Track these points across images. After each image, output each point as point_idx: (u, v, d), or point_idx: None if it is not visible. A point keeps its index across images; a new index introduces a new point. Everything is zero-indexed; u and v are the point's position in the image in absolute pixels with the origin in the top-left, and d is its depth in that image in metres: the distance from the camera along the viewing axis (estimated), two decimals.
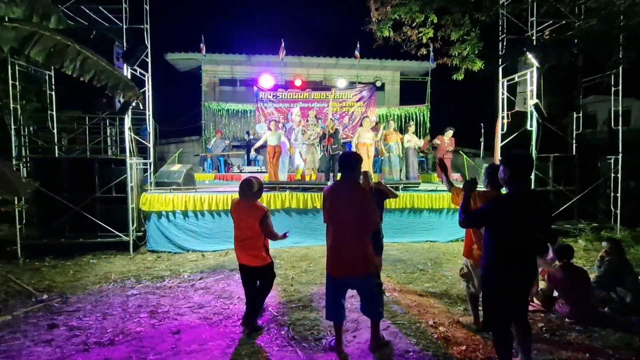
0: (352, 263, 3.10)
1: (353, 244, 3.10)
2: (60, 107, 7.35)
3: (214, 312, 4.16)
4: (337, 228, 3.16)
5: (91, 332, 3.70)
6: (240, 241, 3.72)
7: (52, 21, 4.05)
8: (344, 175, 3.25)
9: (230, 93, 15.38)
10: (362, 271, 3.11)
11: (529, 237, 2.65)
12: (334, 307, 3.25)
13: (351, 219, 3.08)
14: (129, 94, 4.69)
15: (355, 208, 3.08)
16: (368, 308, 3.27)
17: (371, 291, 3.24)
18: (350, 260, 3.10)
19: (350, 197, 3.11)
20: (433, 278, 5.40)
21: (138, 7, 7.23)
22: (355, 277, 3.14)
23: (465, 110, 16.31)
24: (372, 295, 3.25)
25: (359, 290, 3.28)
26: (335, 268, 3.19)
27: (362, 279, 3.15)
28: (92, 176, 6.77)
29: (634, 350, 3.36)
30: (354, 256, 3.10)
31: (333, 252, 3.19)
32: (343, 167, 3.23)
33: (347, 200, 3.10)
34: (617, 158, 7.96)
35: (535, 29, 7.58)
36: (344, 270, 3.14)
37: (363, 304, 3.30)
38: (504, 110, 8.48)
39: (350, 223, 3.08)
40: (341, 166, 3.24)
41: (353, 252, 3.10)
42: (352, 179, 3.21)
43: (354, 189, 3.16)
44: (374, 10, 7.11)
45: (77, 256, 6.45)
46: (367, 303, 3.26)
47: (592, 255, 6.24)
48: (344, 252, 3.13)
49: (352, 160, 3.22)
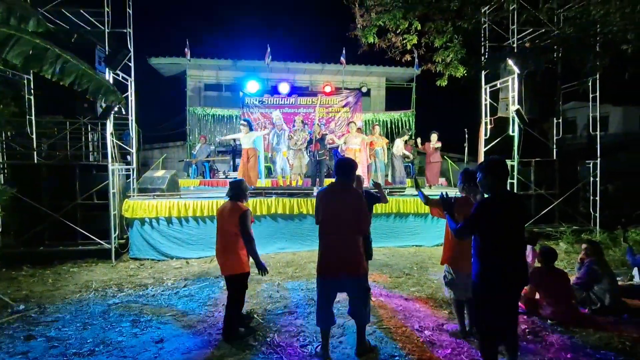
0: (344, 263, 3.15)
1: (346, 245, 3.17)
2: (40, 112, 7.18)
3: (198, 320, 4.10)
4: (331, 230, 3.21)
5: (70, 342, 3.59)
6: (219, 245, 3.77)
7: (31, 24, 3.96)
8: (341, 179, 3.33)
9: (216, 98, 15.27)
10: (354, 272, 3.17)
11: (516, 238, 2.71)
12: (324, 312, 3.26)
13: (345, 222, 3.16)
14: (111, 98, 4.61)
15: (349, 211, 3.17)
16: (356, 312, 3.28)
17: (360, 294, 3.27)
18: (342, 261, 3.16)
19: (345, 200, 3.20)
20: (419, 282, 5.42)
21: (121, 11, 7.14)
22: (347, 278, 3.17)
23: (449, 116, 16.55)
24: (361, 298, 3.28)
25: (349, 293, 3.29)
26: (326, 268, 3.21)
27: (353, 280, 3.20)
28: (73, 182, 6.62)
29: (613, 349, 3.43)
30: (346, 257, 3.16)
31: (325, 253, 3.23)
32: (340, 172, 3.33)
33: (342, 203, 3.19)
34: (595, 163, 8.17)
35: (516, 37, 7.76)
36: (336, 269, 3.17)
37: (351, 308, 3.30)
38: (487, 116, 8.64)
39: (344, 225, 3.16)
40: (338, 170, 3.34)
41: (345, 253, 3.16)
42: (348, 183, 3.30)
43: (350, 192, 3.26)
44: (358, 17, 7.16)
45: (57, 265, 6.29)
46: (356, 306, 3.27)
47: (573, 257, 6.38)
48: (336, 253, 3.18)
49: (348, 165, 3.34)
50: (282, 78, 13.97)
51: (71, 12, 6.97)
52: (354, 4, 7.00)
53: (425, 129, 10.66)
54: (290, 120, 11.96)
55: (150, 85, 15.50)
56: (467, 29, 6.74)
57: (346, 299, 3.39)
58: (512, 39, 7.81)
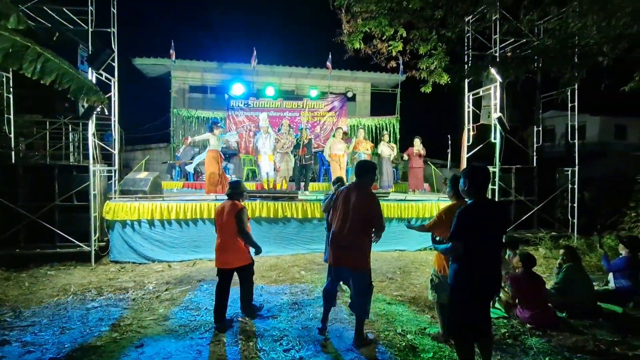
0: (350, 256, 3.50)
1: (354, 239, 3.49)
2: (19, 110, 7.00)
3: (179, 324, 4.04)
4: (343, 225, 3.54)
5: (47, 347, 3.50)
6: (222, 242, 4.04)
7: (11, 21, 3.87)
8: (356, 180, 3.69)
9: (200, 100, 15.15)
10: (358, 264, 3.49)
11: (493, 244, 2.78)
12: (328, 290, 3.72)
13: (356, 218, 3.49)
14: (93, 98, 4.53)
15: (362, 209, 3.49)
16: (356, 304, 3.54)
17: (362, 288, 3.52)
18: (349, 253, 3.50)
19: (356, 198, 3.53)
20: (401, 286, 5.47)
21: (105, 10, 7.04)
22: (348, 270, 3.52)
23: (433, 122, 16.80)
24: (362, 292, 3.52)
25: (352, 285, 3.56)
26: (334, 258, 3.60)
27: (354, 273, 3.51)
28: (52, 183, 6.46)
29: (589, 352, 3.53)
30: (350, 251, 3.49)
31: (335, 245, 3.59)
32: (357, 173, 3.71)
33: (354, 202, 3.52)
34: (573, 170, 8.40)
35: (498, 46, 7.96)
36: (342, 261, 3.54)
37: (352, 300, 3.59)
38: (469, 123, 8.80)
39: (355, 221, 3.49)
40: (356, 172, 3.72)
41: (352, 247, 3.49)
42: (363, 183, 3.65)
43: (364, 192, 3.58)
44: (345, 23, 7.23)
45: (33, 267, 6.12)
46: (356, 299, 3.53)
47: (552, 262, 6.53)
48: (345, 245, 3.52)
49: (364, 167, 3.72)
50: (268, 81, 13.95)
51: (54, 10, 6.83)
52: (340, 10, 7.07)
53: (409, 134, 10.78)
54: (276, 123, 11.96)
55: (134, 85, 15.28)
56: (451, 38, 6.87)
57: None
58: (494, 48, 8.00)
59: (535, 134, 9.16)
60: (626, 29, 4.93)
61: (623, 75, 5.80)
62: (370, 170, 3.69)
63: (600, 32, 5.14)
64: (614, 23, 4.94)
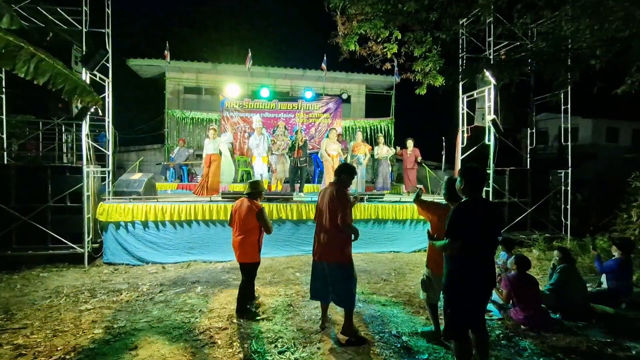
0: (327, 250, 3.70)
1: (329, 234, 3.70)
2: (11, 111, 6.94)
3: (173, 327, 4.02)
4: (319, 221, 3.82)
5: (39, 350, 3.46)
6: (236, 238, 4.31)
7: (4, 21, 3.84)
8: (334, 180, 3.91)
9: (195, 101, 15.09)
10: (334, 258, 3.68)
11: (487, 243, 2.81)
12: (314, 287, 3.89)
13: (327, 215, 3.70)
14: (87, 99, 4.50)
15: (331, 206, 3.68)
16: (338, 298, 3.72)
17: (341, 279, 3.68)
18: (326, 248, 3.71)
19: (328, 197, 3.74)
20: (396, 288, 5.48)
21: (99, 10, 7.00)
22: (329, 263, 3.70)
23: (428, 124, 16.82)
24: (342, 284, 3.68)
25: (334, 277, 3.71)
26: (315, 253, 3.84)
27: (331, 267, 3.69)
28: (45, 184, 6.41)
29: (582, 353, 3.56)
30: (329, 245, 3.69)
31: (315, 240, 3.84)
32: (335, 173, 3.94)
33: (326, 199, 3.75)
34: (566, 172, 8.48)
35: (492, 49, 8.02)
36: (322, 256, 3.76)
37: (333, 295, 3.75)
38: (464, 125, 8.85)
39: (325, 217, 3.72)
40: (335, 172, 3.96)
41: (328, 242, 3.69)
42: (334, 182, 3.86)
43: (332, 191, 3.75)
44: (340, 25, 7.25)
45: (25, 269, 6.06)
46: (336, 293, 3.72)
47: (545, 264, 6.58)
48: (322, 241, 3.74)
49: (338, 168, 3.98)
50: (262, 83, 13.93)
51: (48, 10, 6.79)
52: (335, 12, 7.09)
53: (404, 136, 10.81)
54: (271, 125, 11.93)
55: (128, 86, 15.18)
56: (446, 40, 6.91)
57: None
58: (488, 51, 8.06)
59: (529, 136, 9.23)
60: (618, 32, 5.00)
61: (615, 78, 5.87)
62: (344, 171, 3.87)
63: (592, 36, 5.20)
64: (607, 27, 5.00)
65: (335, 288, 3.72)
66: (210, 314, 4.36)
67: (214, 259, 6.88)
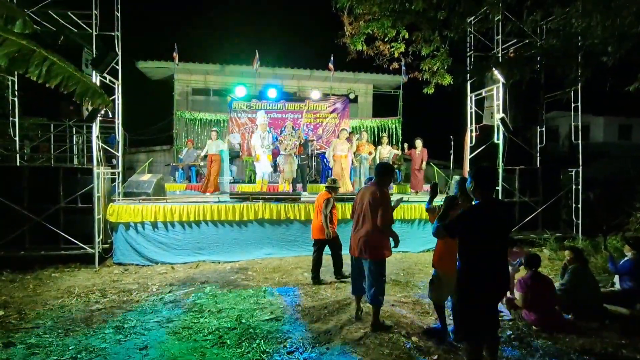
0: (364, 247, 3.89)
1: (366, 232, 3.89)
2: (24, 113, 7.05)
3: (183, 327, 4.04)
4: (357, 220, 4.03)
5: (51, 350, 3.51)
6: (316, 221, 5.66)
7: (18, 25, 3.92)
8: (375, 180, 4.10)
9: (204, 103, 15.20)
10: (369, 256, 3.87)
11: (499, 244, 2.78)
12: (354, 283, 4.20)
13: (367, 213, 3.89)
14: (97, 101, 4.56)
15: (371, 205, 3.86)
16: (368, 291, 3.90)
17: (372, 276, 3.87)
18: (363, 245, 3.89)
19: (369, 196, 3.90)
20: (405, 288, 5.45)
21: (109, 13, 7.07)
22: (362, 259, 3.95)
23: (436, 123, 16.70)
24: (372, 280, 3.86)
25: (366, 274, 3.94)
26: (352, 249, 4.05)
27: (366, 262, 3.91)
28: (56, 186, 6.49)
29: (596, 354, 3.50)
30: (363, 242, 3.89)
31: (353, 238, 4.05)
32: (375, 173, 4.13)
33: (367, 198, 3.91)
34: (577, 171, 8.35)
35: (501, 47, 7.93)
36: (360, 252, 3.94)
37: (367, 289, 3.95)
38: (472, 124, 8.78)
39: (364, 215, 3.93)
40: (376, 172, 4.14)
41: (366, 240, 3.88)
42: (375, 182, 4.05)
43: (374, 191, 3.91)
44: (347, 25, 7.24)
45: (38, 270, 6.14)
46: (369, 288, 3.90)
47: (557, 264, 6.50)
48: (360, 238, 3.92)
49: (377, 168, 4.18)
50: (270, 83, 13.98)
51: (59, 14, 6.89)
52: (342, 12, 7.07)
53: (412, 136, 10.77)
54: (279, 125, 11.96)
55: (138, 88, 15.33)
56: (454, 39, 6.85)
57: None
58: (497, 49, 7.98)
59: (539, 134, 9.12)
60: (630, 28, 4.91)
61: (627, 75, 5.77)
62: (385, 171, 4.07)
63: (604, 32, 5.12)
64: (618, 22, 4.91)
65: (368, 281, 3.91)
66: (219, 314, 4.38)
67: (223, 259, 6.91)
